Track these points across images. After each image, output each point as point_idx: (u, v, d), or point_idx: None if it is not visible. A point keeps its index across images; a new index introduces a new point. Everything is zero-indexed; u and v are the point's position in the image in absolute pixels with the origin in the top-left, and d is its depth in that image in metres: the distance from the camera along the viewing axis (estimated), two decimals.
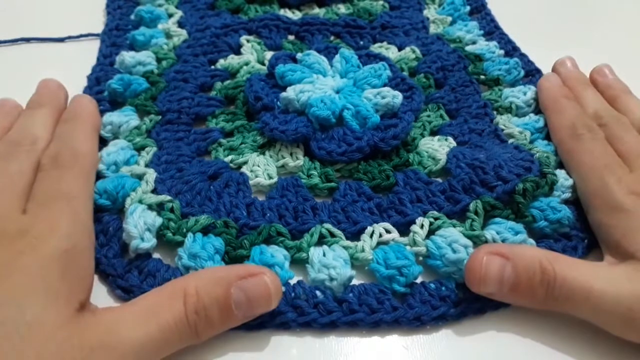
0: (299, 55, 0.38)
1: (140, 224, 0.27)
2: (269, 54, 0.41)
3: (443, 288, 0.27)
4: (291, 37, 0.44)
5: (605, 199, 0.28)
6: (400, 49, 0.43)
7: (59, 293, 0.22)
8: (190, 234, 0.27)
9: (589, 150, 0.31)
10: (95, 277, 0.27)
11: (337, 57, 0.38)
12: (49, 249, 0.23)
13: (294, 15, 0.47)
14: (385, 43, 0.43)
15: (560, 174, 0.31)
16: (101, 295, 0.27)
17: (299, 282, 0.27)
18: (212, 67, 0.40)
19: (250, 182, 0.32)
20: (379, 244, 0.28)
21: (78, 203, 0.27)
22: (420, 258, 0.28)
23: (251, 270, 0.24)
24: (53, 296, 0.22)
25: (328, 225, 0.29)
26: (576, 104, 0.35)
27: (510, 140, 0.34)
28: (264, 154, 0.33)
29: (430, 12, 0.48)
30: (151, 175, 0.31)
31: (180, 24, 0.45)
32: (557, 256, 0.26)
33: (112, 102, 0.37)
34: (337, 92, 0.35)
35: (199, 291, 0.23)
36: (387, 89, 0.35)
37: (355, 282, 0.27)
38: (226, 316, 0.23)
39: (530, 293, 0.25)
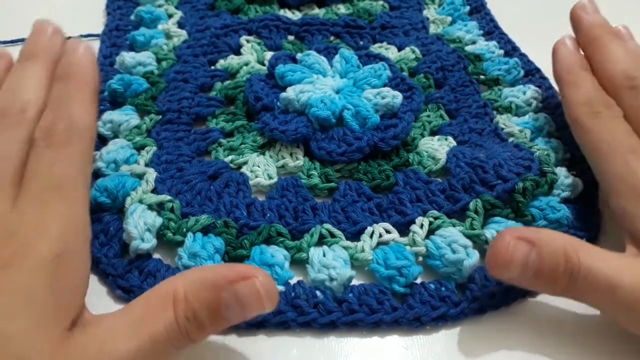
0: (299, 56, 0.38)
1: (140, 224, 0.27)
2: (269, 54, 0.41)
3: (443, 288, 0.27)
4: (291, 38, 0.44)
5: (632, 186, 0.26)
6: (400, 49, 0.43)
7: (48, 313, 0.21)
8: (190, 234, 0.28)
9: (609, 130, 0.29)
10: (96, 277, 0.27)
11: (337, 57, 0.38)
12: (38, 257, 0.21)
13: (294, 15, 0.47)
14: (385, 43, 0.43)
15: (561, 172, 0.31)
16: (101, 295, 0.27)
17: (299, 282, 0.27)
18: (212, 67, 0.40)
19: (250, 182, 0.32)
20: (379, 244, 0.28)
21: (73, 191, 0.24)
22: (420, 258, 0.28)
23: (242, 273, 0.22)
24: (41, 318, 0.20)
25: (328, 226, 0.29)
26: (592, 77, 0.32)
27: (510, 139, 0.35)
28: (264, 154, 0.33)
29: (430, 12, 0.48)
30: (151, 174, 0.31)
31: (180, 25, 0.45)
32: (583, 245, 0.24)
33: (113, 102, 0.37)
34: (337, 92, 0.35)
35: (188, 296, 0.22)
36: (387, 89, 0.35)
37: (355, 282, 0.27)
38: (218, 320, 0.22)
39: (552, 281, 0.24)
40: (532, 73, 0.41)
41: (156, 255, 0.28)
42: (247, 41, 0.43)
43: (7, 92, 0.27)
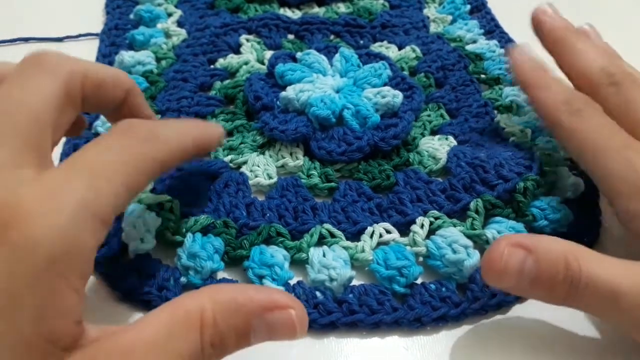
0: (298, 55, 0.37)
1: (139, 225, 0.27)
2: (268, 54, 0.41)
3: (443, 289, 0.26)
4: (291, 37, 0.44)
5: (633, 183, 0.25)
6: (400, 48, 0.43)
7: (31, 343, 0.16)
8: (189, 234, 0.27)
9: (596, 127, 0.27)
10: (95, 278, 0.27)
11: (337, 56, 0.37)
12: (32, 254, 0.16)
13: (294, 14, 0.46)
14: (385, 42, 0.43)
15: (562, 172, 0.31)
16: (101, 296, 0.27)
17: (298, 282, 0.27)
18: (212, 66, 0.40)
19: (250, 182, 0.31)
20: (379, 244, 0.28)
21: (108, 184, 0.19)
22: (421, 258, 0.28)
23: (278, 302, 0.20)
24: (22, 351, 0.16)
25: (328, 226, 0.29)
26: (558, 78, 0.30)
27: (512, 139, 0.34)
28: (263, 153, 0.33)
29: (430, 11, 0.48)
30: None
31: (180, 24, 0.44)
32: (585, 252, 0.23)
33: None
34: (337, 91, 0.35)
35: (217, 320, 0.19)
36: (387, 88, 0.35)
37: (355, 282, 0.27)
38: (242, 344, 0.20)
39: (551, 290, 0.23)
40: None
41: (156, 256, 0.28)
42: (247, 40, 0.43)
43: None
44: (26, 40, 0.43)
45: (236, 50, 0.42)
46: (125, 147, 0.21)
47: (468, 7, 0.48)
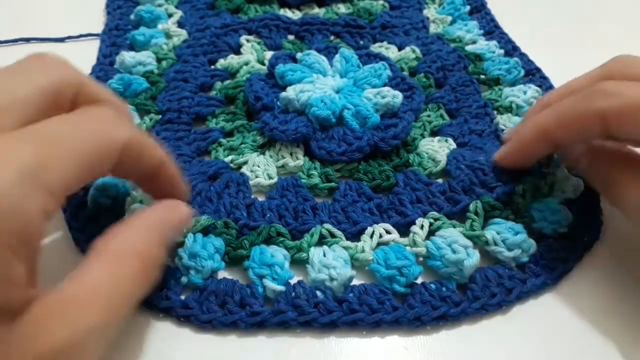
0: (299, 55, 0.38)
1: None
2: (269, 54, 0.41)
3: (443, 288, 0.26)
4: (291, 37, 0.44)
5: None
6: (400, 48, 0.43)
7: None
8: (190, 234, 0.27)
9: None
10: None
11: (337, 56, 0.38)
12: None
13: (294, 15, 0.47)
14: (385, 43, 0.43)
15: (561, 173, 0.31)
16: None
17: (299, 282, 0.27)
18: (212, 67, 0.40)
19: (250, 182, 0.32)
20: (379, 244, 0.28)
21: (57, 158, 0.18)
22: (421, 258, 0.28)
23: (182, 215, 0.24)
24: None
25: (328, 226, 0.29)
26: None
27: None
28: (264, 154, 0.33)
29: (430, 12, 0.48)
30: None
31: (180, 24, 0.45)
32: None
33: None
34: (337, 91, 0.35)
35: (148, 252, 0.21)
36: (387, 88, 0.35)
37: (355, 282, 0.27)
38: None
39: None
40: (532, 73, 0.41)
41: None
42: (247, 41, 0.43)
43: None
44: (27, 40, 0.44)
45: (236, 50, 0.42)
46: (86, 123, 0.20)
47: (468, 7, 0.48)
